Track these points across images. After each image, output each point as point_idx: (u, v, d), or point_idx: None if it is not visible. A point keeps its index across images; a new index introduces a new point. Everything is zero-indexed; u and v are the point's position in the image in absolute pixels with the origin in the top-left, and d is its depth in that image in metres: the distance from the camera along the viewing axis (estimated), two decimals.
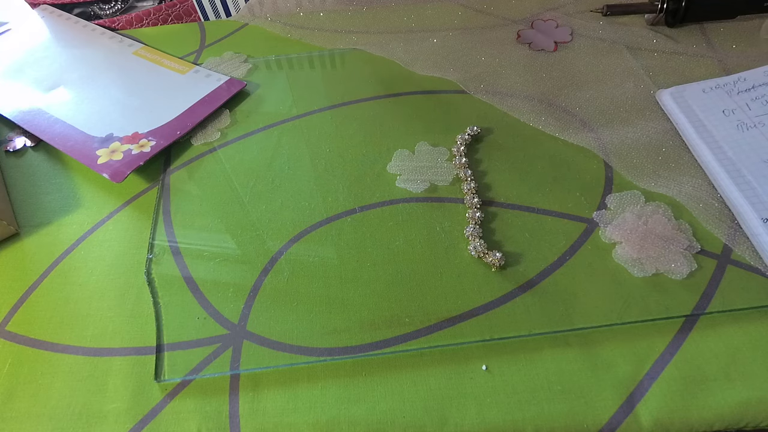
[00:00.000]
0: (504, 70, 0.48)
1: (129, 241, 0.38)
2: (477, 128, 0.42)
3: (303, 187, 0.40)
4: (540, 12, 0.54)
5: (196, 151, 0.44)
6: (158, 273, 0.36)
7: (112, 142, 0.44)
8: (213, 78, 0.50)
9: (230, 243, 0.38)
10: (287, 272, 0.36)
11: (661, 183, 0.38)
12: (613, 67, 0.47)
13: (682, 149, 0.40)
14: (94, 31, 0.57)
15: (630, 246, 0.34)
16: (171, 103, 0.47)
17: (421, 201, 0.39)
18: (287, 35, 0.55)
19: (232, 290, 0.35)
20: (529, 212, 0.37)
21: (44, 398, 0.31)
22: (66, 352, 0.33)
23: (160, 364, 0.32)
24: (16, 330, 0.34)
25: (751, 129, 0.39)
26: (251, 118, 0.47)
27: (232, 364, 0.31)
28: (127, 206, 0.41)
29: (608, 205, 0.37)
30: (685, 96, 0.42)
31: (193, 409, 0.30)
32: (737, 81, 0.43)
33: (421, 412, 0.29)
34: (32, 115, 0.47)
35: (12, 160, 0.45)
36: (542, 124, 0.43)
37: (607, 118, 0.43)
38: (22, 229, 0.40)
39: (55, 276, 0.37)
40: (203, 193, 0.41)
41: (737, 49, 0.47)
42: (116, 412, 0.30)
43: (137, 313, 0.34)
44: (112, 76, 0.51)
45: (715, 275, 0.33)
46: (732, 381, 0.29)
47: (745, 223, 0.34)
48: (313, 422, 0.29)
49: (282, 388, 0.31)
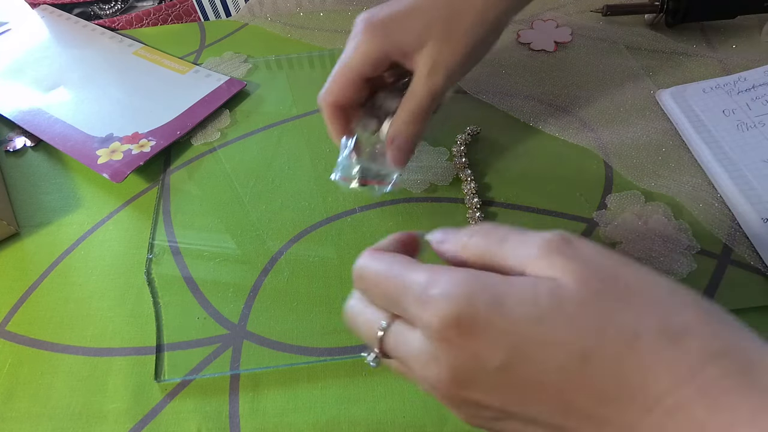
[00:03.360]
0: (504, 70, 0.48)
1: (129, 241, 0.38)
2: (477, 128, 0.42)
3: (303, 187, 0.40)
4: (540, 12, 0.54)
5: (196, 151, 0.44)
6: (158, 273, 0.36)
7: (112, 142, 0.44)
8: (213, 78, 0.50)
9: (230, 243, 0.38)
10: (287, 272, 0.36)
11: (661, 183, 0.38)
12: (613, 67, 0.47)
13: (682, 149, 0.40)
14: (94, 31, 0.57)
15: (630, 246, 0.34)
16: (171, 103, 0.47)
17: (421, 201, 0.39)
18: (287, 35, 0.55)
19: (232, 290, 0.35)
20: (529, 212, 0.37)
21: (44, 398, 0.31)
22: (66, 352, 0.33)
23: (160, 364, 0.32)
24: (16, 330, 0.34)
25: (751, 129, 0.39)
26: (251, 118, 0.47)
27: (232, 364, 0.31)
28: (127, 206, 0.41)
29: (608, 205, 0.37)
30: (685, 96, 0.42)
31: (193, 409, 0.30)
32: (737, 81, 0.43)
33: (421, 412, 0.29)
34: (32, 115, 0.47)
35: (12, 160, 0.45)
36: (542, 124, 0.43)
37: (607, 118, 0.43)
38: (22, 229, 0.40)
39: (55, 276, 0.37)
40: (203, 193, 0.41)
41: (737, 49, 0.47)
42: (116, 412, 0.30)
43: (137, 313, 0.34)
44: (112, 76, 0.51)
45: (715, 275, 0.33)
46: None
47: (745, 223, 0.34)
48: (313, 422, 0.29)
49: (282, 388, 0.31)
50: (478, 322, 0.18)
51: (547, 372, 0.17)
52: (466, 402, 0.19)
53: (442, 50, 0.31)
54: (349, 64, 0.32)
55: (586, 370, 0.17)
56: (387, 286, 0.20)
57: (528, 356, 0.17)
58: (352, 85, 0.33)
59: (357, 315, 0.22)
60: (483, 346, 0.18)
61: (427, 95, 0.32)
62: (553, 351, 0.17)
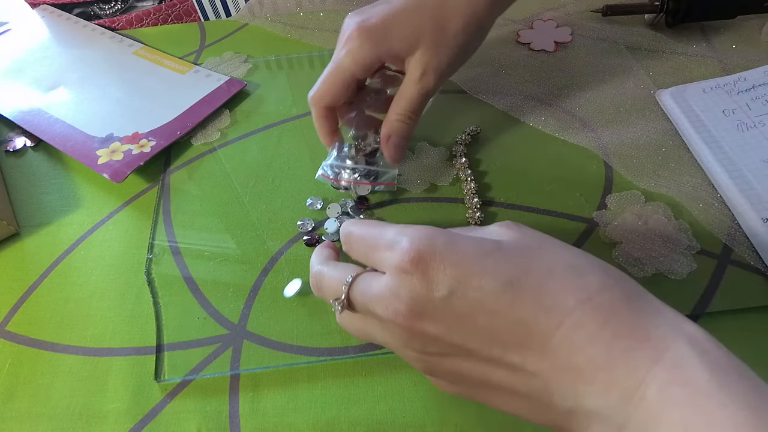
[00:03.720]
0: (504, 70, 0.48)
1: (129, 241, 0.38)
2: (477, 128, 0.42)
3: (303, 187, 0.40)
4: (540, 12, 0.54)
5: (196, 151, 0.44)
6: (158, 273, 0.36)
7: (112, 142, 0.44)
8: (213, 78, 0.50)
9: (230, 243, 0.38)
10: (287, 272, 0.36)
11: (661, 183, 0.38)
12: (613, 67, 0.47)
13: (682, 149, 0.40)
14: (94, 31, 0.57)
15: (630, 246, 0.34)
16: (171, 103, 0.47)
17: (421, 201, 0.39)
18: (287, 35, 0.55)
19: (232, 290, 0.35)
20: (529, 212, 0.37)
21: (44, 398, 0.31)
22: (66, 352, 0.33)
23: (160, 364, 0.32)
24: (16, 330, 0.34)
25: (751, 129, 0.39)
26: (251, 118, 0.47)
27: (232, 364, 0.31)
28: (127, 206, 0.41)
29: (608, 205, 0.37)
30: (685, 96, 0.42)
31: (193, 409, 0.30)
32: (737, 81, 0.43)
33: (421, 412, 0.29)
34: (32, 115, 0.47)
35: (12, 160, 0.45)
36: (542, 124, 0.43)
37: (607, 118, 0.43)
38: (22, 229, 0.40)
39: (55, 276, 0.37)
40: (203, 193, 0.41)
41: (737, 49, 0.47)
42: (116, 412, 0.30)
43: (137, 313, 0.34)
44: (112, 76, 0.51)
45: (715, 275, 0.33)
46: None
47: (745, 223, 0.34)
48: (313, 422, 0.29)
49: (282, 388, 0.31)
50: (434, 256, 0.22)
51: (481, 299, 0.21)
52: (419, 335, 0.23)
53: (432, 55, 0.34)
54: (342, 66, 0.34)
55: (511, 296, 0.21)
56: (367, 240, 0.25)
57: (469, 284, 0.21)
58: (344, 87, 0.35)
59: (324, 276, 0.27)
60: (435, 275, 0.22)
61: (419, 96, 0.35)
62: (487, 279, 0.21)
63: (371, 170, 0.39)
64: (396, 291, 0.22)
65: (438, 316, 0.22)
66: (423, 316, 0.22)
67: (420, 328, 0.22)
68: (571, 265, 0.22)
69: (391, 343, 0.25)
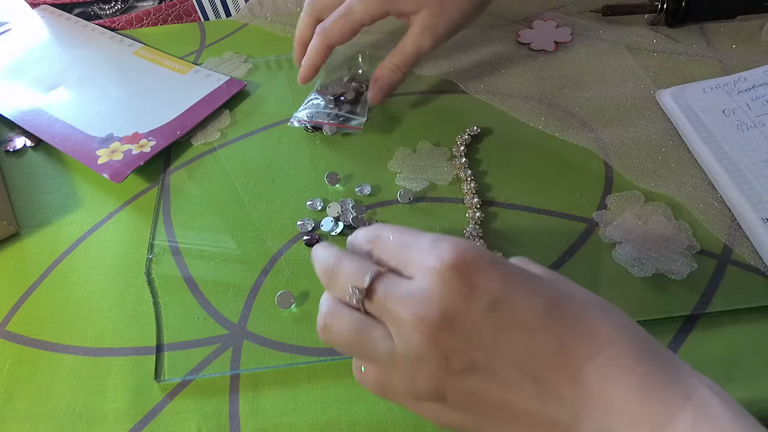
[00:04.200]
0: (504, 70, 0.48)
1: (129, 241, 0.38)
2: (477, 128, 0.42)
3: (303, 187, 0.40)
4: (540, 12, 0.54)
5: (196, 151, 0.44)
6: (158, 273, 0.36)
7: (112, 142, 0.44)
8: (213, 78, 0.50)
9: (230, 243, 0.38)
10: (287, 272, 0.36)
11: (661, 183, 0.38)
12: (613, 67, 0.47)
13: (682, 149, 0.40)
14: (94, 31, 0.57)
15: (630, 246, 0.34)
16: (171, 103, 0.47)
17: (421, 201, 0.39)
18: (287, 35, 0.55)
19: (232, 290, 0.35)
20: (529, 212, 0.37)
21: (44, 398, 0.31)
22: (66, 352, 0.33)
23: (160, 364, 0.32)
24: (16, 330, 0.34)
25: (751, 129, 0.39)
26: (251, 118, 0.47)
27: (232, 364, 0.31)
28: (127, 206, 0.41)
29: (608, 205, 0.37)
30: (685, 96, 0.42)
31: (193, 409, 0.30)
32: (737, 81, 0.42)
33: None
34: (32, 115, 0.47)
35: (12, 160, 0.45)
36: (542, 124, 0.43)
37: (607, 118, 0.43)
38: (22, 229, 0.40)
39: (55, 276, 0.37)
40: (203, 193, 0.41)
41: (737, 49, 0.47)
42: (116, 412, 0.30)
43: (137, 313, 0.34)
44: (112, 76, 0.51)
45: (715, 275, 0.33)
46: (732, 381, 0.29)
47: (745, 223, 0.34)
48: (313, 422, 0.29)
49: (282, 388, 0.31)
50: (481, 265, 0.21)
51: (524, 317, 0.21)
52: (441, 345, 0.21)
53: (433, 18, 0.39)
54: (353, 14, 0.39)
55: (554, 319, 0.21)
56: (403, 238, 0.23)
57: (515, 299, 0.21)
58: (351, 32, 0.40)
59: (344, 260, 0.24)
60: (479, 283, 0.21)
61: (414, 52, 0.41)
62: (533, 298, 0.21)
63: (340, 114, 0.43)
64: (429, 294, 0.21)
65: (471, 328, 0.20)
66: (454, 325, 0.20)
67: (445, 338, 0.21)
68: (599, 301, 0.22)
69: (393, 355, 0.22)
